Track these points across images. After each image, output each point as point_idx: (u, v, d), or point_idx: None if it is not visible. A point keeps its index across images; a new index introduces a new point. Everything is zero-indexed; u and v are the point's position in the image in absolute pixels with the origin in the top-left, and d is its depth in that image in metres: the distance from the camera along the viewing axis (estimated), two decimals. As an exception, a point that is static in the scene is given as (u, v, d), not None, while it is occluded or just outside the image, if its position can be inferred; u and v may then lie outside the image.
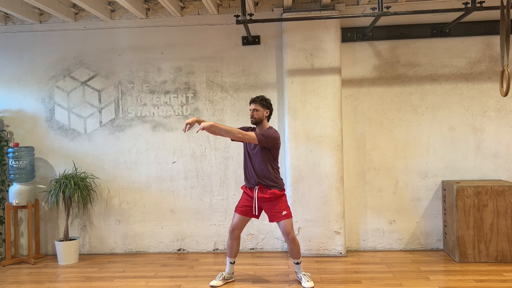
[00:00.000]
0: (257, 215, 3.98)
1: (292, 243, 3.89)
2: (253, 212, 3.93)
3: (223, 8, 5.04)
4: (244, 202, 3.98)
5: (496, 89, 4.85)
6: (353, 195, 5.03)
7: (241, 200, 4.03)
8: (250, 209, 3.94)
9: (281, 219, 3.87)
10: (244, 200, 3.99)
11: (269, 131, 3.86)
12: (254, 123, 3.94)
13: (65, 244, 4.86)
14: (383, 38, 4.94)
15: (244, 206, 3.97)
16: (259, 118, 3.90)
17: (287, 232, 3.87)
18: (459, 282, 3.93)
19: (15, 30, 5.21)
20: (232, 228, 4.00)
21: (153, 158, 5.15)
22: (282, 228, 3.89)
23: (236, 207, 4.03)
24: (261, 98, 3.93)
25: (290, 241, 3.88)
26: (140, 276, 4.38)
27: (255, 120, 3.91)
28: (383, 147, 4.99)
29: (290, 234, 3.87)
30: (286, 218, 3.87)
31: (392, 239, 5.01)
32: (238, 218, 3.99)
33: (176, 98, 5.13)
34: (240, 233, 4.04)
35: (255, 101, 3.93)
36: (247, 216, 3.98)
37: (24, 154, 4.93)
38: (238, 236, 4.03)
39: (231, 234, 4.01)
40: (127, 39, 5.14)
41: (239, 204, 4.03)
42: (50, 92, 5.22)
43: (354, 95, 5.01)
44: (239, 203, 4.03)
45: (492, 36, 4.85)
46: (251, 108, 3.93)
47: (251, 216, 3.99)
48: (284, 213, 3.87)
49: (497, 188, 4.44)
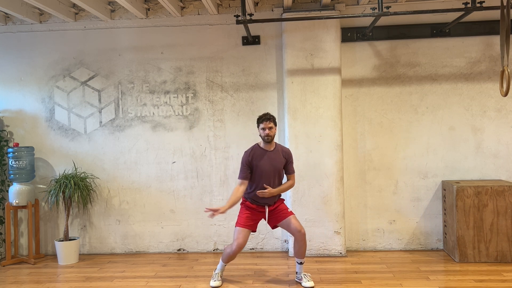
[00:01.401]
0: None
1: (303, 240, 3.84)
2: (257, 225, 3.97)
3: (223, 8, 5.04)
4: (250, 217, 3.90)
5: (496, 89, 4.85)
6: (353, 195, 5.03)
7: (243, 216, 3.91)
8: (255, 223, 3.95)
9: (289, 214, 3.89)
10: (249, 216, 3.90)
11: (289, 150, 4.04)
12: (269, 142, 3.84)
13: (65, 244, 4.86)
14: (383, 38, 4.94)
15: (250, 220, 3.90)
16: (273, 135, 3.86)
17: (299, 227, 3.82)
18: (459, 282, 3.93)
19: (15, 30, 5.21)
20: (239, 246, 3.80)
21: (153, 158, 5.15)
22: (293, 225, 3.83)
23: (243, 223, 3.86)
24: (271, 115, 3.86)
25: (302, 237, 3.82)
26: (140, 276, 4.38)
27: (271, 138, 3.84)
28: (383, 147, 4.99)
29: (302, 229, 3.83)
30: (293, 214, 3.93)
31: (392, 239, 5.01)
32: (246, 233, 3.85)
33: (176, 98, 5.12)
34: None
35: (269, 119, 3.81)
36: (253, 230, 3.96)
37: (24, 154, 4.93)
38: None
39: (236, 252, 3.84)
40: (127, 39, 5.14)
41: (243, 221, 3.88)
42: (50, 92, 5.22)
43: (354, 95, 5.01)
44: (243, 219, 3.89)
45: (492, 36, 4.85)
46: (265, 126, 3.80)
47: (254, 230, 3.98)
48: (289, 209, 3.97)
49: (497, 188, 4.44)
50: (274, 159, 3.88)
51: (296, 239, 3.87)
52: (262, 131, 3.84)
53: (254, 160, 3.85)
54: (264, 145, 3.90)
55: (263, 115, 3.85)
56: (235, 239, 3.85)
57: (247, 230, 3.87)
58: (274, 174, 3.88)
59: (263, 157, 3.86)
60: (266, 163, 3.85)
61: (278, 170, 3.90)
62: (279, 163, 3.90)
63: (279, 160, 3.90)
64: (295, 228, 3.84)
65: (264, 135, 3.82)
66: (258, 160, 3.85)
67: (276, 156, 3.90)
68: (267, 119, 3.81)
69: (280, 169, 3.92)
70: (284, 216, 3.89)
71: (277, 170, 3.90)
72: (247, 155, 3.88)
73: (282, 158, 3.92)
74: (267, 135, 3.81)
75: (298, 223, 3.88)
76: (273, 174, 3.88)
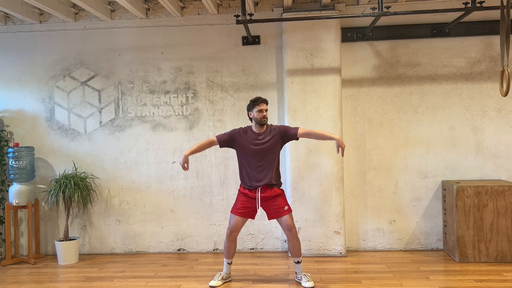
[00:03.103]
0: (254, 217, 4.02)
1: (295, 239, 3.87)
2: (255, 212, 3.94)
3: (223, 8, 5.04)
4: (243, 203, 3.96)
5: (496, 89, 4.85)
6: (353, 195, 5.03)
7: (238, 202, 4.00)
8: (249, 211, 3.94)
9: (284, 214, 3.87)
10: (242, 202, 3.96)
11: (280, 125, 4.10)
12: (264, 124, 3.93)
13: (65, 244, 4.86)
14: (383, 38, 4.93)
15: (244, 207, 3.95)
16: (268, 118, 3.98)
17: (290, 227, 3.85)
18: (459, 282, 3.93)
19: (15, 30, 5.21)
20: (231, 230, 3.97)
21: (153, 158, 5.15)
22: (284, 223, 3.87)
23: (234, 209, 3.98)
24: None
25: (293, 236, 3.86)
26: (140, 276, 4.38)
27: (267, 120, 3.95)
28: (383, 147, 4.99)
29: (293, 228, 3.86)
30: (288, 213, 3.90)
31: (392, 239, 5.01)
32: (238, 220, 3.95)
33: (176, 98, 5.13)
34: (237, 235, 4.02)
35: (266, 102, 3.95)
36: (246, 218, 3.98)
37: (24, 154, 4.93)
38: (235, 238, 4.01)
39: (229, 236, 3.98)
40: (127, 39, 5.14)
41: (237, 206, 3.98)
42: (50, 92, 5.22)
43: (354, 95, 5.01)
44: (237, 205, 3.99)
45: (492, 36, 4.85)
46: (263, 108, 3.89)
47: (249, 217, 3.99)
48: (286, 208, 3.91)
49: (497, 188, 4.44)
50: (266, 141, 3.91)
51: (288, 238, 3.92)
52: (259, 113, 3.88)
53: (242, 140, 3.91)
54: (257, 128, 3.95)
55: (258, 98, 3.93)
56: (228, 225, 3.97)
57: (239, 216, 3.92)
58: (265, 154, 3.89)
59: (254, 140, 3.91)
60: (256, 145, 3.89)
61: (271, 149, 3.91)
62: (271, 143, 3.91)
63: (271, 139, 3.92)
64: (287, 227, 3.87)
65: (261, 117, 3.87)
66: (247, 142, 3.91)
67: (268, 136, 3.93)
68: (264, 101, 3.91)
69: (273, 148, 3.92)
70: (278, 214, 3.90)
71: (269, 150, 3.91)
72: (237, 131, 3.99)
73: (274, 135, 3.93)
74: (264, 117, 3.88)
75: (291, 221, 3.88)
76: (263, 155, 3.89)
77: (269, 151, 3.91)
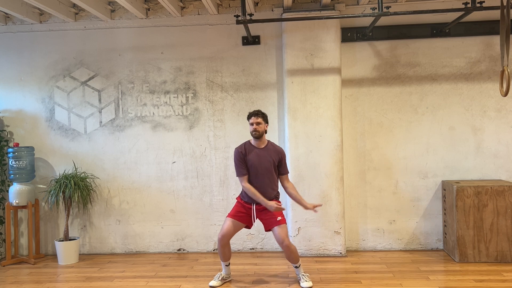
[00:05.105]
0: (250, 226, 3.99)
1: (288, 250, 3.81)
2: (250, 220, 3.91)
3: (223, 8, 5.04)
4: (237, 208, 3.94)
5: (496, 89, 4.85)
6: (353, 195, 5.03)
7: (233, 208, 3.98)
8: (243, 215, 3.91)
9: (275, 224, 3.79)
10: (237, 207, 3.95)
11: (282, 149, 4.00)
12: (257, 137, 3.86)
13: (65, 244, 4.86)
14: (383, 38, 4.94)
15: (238, 212, 3.92)
16: (262, 131, 3.85)
17: (281, 240, 3.77)
18: (459, 282, 3.93)
19: (15, 30, 5.21)
20: (222, 235, 3.86)
21: (153, 158, 5.15)
22: (276, 235, 3.81)
23: (228, 214, 3.95)
24: (262, 111, 3.90)
25: (285, 249, 3.80)
26: (140, 276, 4.38)
27: (259, 134, 3.84)
28: (383, 147, 4.99)
29: (284, 241, 3.76)
30: (280, 224, 3.79)
31: (392, 239, 5.01)
32: (232, 223, 3.88)
33: (176, 98, 5.13)
34: (229, 240, 3.93)
35: (257, 115, 3.84)
36: (241, 223, 3.92)
37: (24, 154, 4.93)
38: (227, 242, 3.92)
39: (221, 240, 3.89)
40: (127, 39, 5.14)
41: (231, 212, 3.95)
42: (50, 92, 5.22)
43: (354, 95, 5.01)
44: (232, 210, 3.96)
45: (492, 36, 4.85)
46: (253, 121, 3.83)
47: (244, 223, 3.94)
48: (278, 218, 3.82)
49: (497, 188, 4.44)
50: (264, 157, 3.86)
51: (282, 249, 3.86)
52: (250, 126, 3.86)
53: (246, 155, 3.86)
54: (254, 142, 3.90)
55: (249, 113, 3.91)
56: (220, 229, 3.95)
57: (233, 220, 3.88)
58: (264, 172, 3.85)
59: (252, 154, 3.86)
60: (255, 160, 3.84)
61: (268, 168, 3.86)
62: (269, 162, 3.87)
63: (270, 158, 3.87)
64: (278, 239, 3.80)
65: (251, 130, 3.85)
66: (248, 156, 3.86)
67: (267, 154, 3.88)
68: (254, 114, 3.85)
69: (270, 168, 3.87)
70: (271, 225, 3.84)
71: (267, 168, 3.86)
72: (239, 150, 3.89)
73: (273, 156, 3.89)
74: (254, 130, 3.83)
75: (282, 233, 3.77)
76: (263, 172, 3.84)
77: (269, 168, 3.87)
